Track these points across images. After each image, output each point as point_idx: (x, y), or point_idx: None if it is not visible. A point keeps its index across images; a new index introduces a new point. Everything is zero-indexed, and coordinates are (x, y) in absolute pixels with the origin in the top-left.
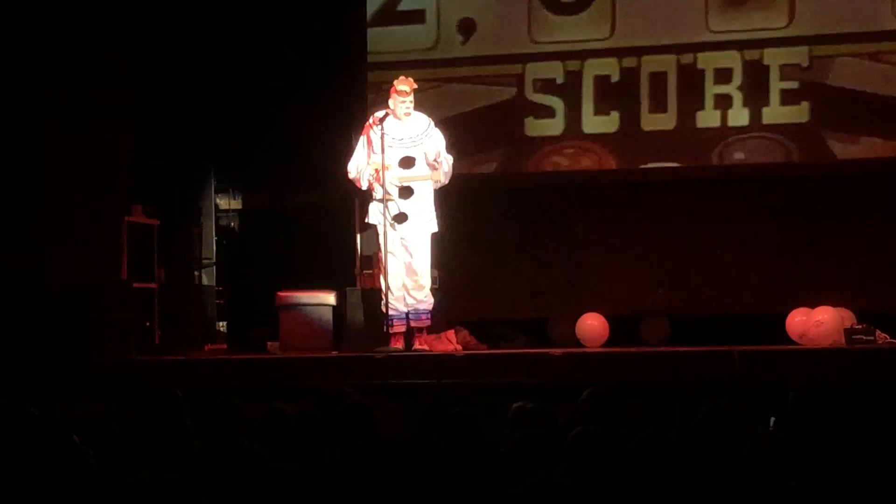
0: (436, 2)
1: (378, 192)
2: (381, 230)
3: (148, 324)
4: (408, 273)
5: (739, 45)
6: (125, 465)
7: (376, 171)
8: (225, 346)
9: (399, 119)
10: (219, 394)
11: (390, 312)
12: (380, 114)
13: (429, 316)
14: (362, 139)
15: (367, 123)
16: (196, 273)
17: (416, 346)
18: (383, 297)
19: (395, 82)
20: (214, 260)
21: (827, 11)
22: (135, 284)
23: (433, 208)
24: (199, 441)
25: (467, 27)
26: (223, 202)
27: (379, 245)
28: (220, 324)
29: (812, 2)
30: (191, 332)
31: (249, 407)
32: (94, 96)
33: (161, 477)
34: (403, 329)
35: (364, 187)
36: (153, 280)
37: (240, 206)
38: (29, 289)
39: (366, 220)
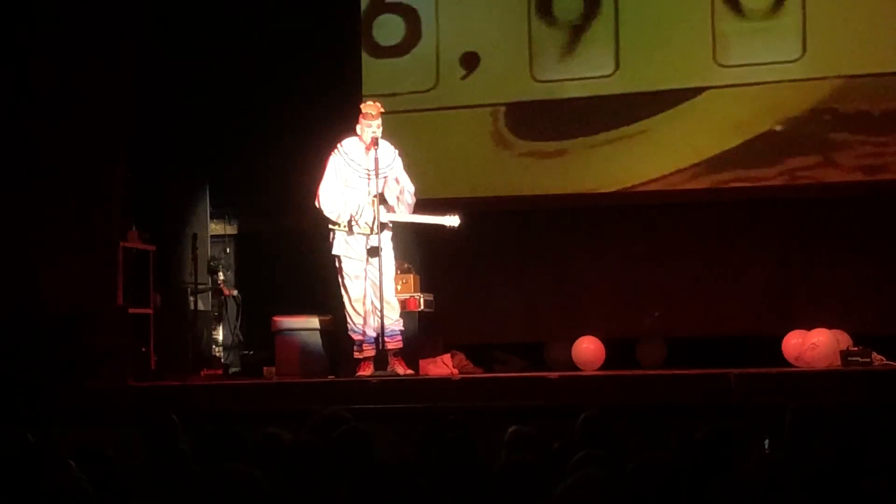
0: (436, 36)
1: (359, 228)
2: (345, 261)
3: (144, 349)
4: (379, 297)
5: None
6: (121, 491)
7: (371, 202)
8: (220, 372)
9: (366, 144)
10: (215, 419)
11: (362, 338)
12: (349, 144)
13: (401, 337)
14: (330, 169)
15: (332, 150)
16: (192, 298)
17: (400, 370)
18: (351, 322)
19: (362, 106)
20: (210, 285)
21: (839, 52)
22: (130, 310)
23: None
24: (196, 467)
25: (470, 62)
26: (218, 227)
27: (346, 274)
28: (216, 349)
29: (824, 43)
30: (186, 357)
31: (246, 432)
32: (90, 122)
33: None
34: (374, 353)
35: (344, 222)
36: (149, 305)
37: (235, 232)
38: (24, 314)
39: (332, 252)
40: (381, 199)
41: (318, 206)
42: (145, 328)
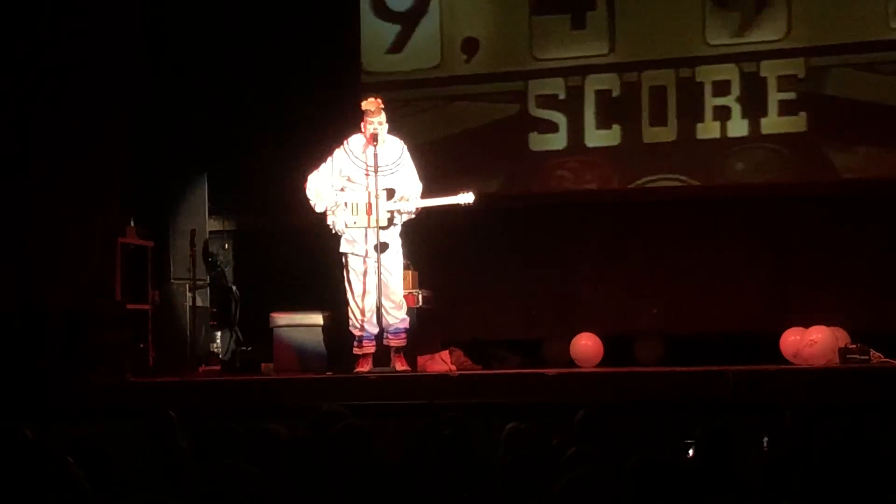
0: (439, 21)
1: (363, 222)
2: (350, 258)
3: (142, 345)
4: (385, 294)
5: (736, 58)
6: (119, 487)
7: (369, 204)
8: (219, 368)
9: (367, 140)
10: (213, 415)
11: (362, 333)
12: (354, 140)
13: (406, 335)
14: (330, 161)
15: (338, 145)
16: (190, 294)
17: (399, 367)
18: (353, 318)
19: (363, 104)
20: (208, 281)
21: (822, 23)
22: (128, 306)
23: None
24: (194, 463)
25: (471, 46)
26: (217, 223)
27: (350, 269)
28: (214, 345)
29: (808, 13)
30: (184, 353)
31: (244, 428)
32: (88, 117)
33: (155, 500)
34: (373, 350)
35: (319, 210)
36: (147, 301)
37: (234, 227)
38: (23, 310)
39: (339, 251)
40: (391, 193)
41: (305, 188)
42: (143, 324)
